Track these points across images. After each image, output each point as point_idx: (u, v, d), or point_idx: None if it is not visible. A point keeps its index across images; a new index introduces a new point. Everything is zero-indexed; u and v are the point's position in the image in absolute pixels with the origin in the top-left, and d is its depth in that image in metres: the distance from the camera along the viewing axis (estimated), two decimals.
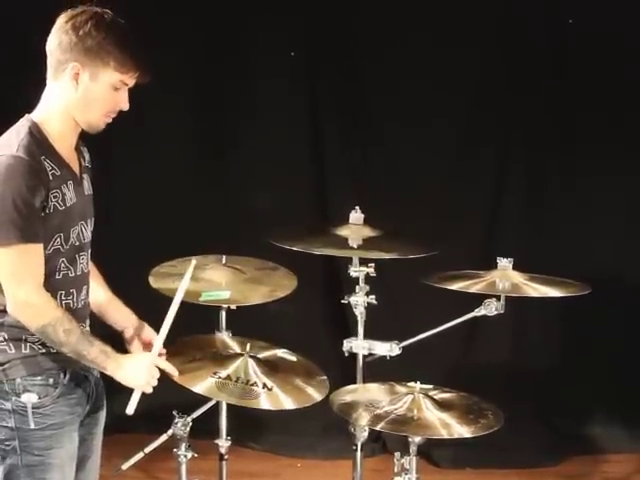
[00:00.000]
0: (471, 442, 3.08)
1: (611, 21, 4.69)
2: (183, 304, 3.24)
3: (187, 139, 5.08)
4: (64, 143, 2.51)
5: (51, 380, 2.49)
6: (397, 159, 5.00)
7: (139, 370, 2.50)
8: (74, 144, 2.57)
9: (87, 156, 2.67)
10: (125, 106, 2.52)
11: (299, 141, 5.06)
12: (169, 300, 3.20)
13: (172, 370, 2.59)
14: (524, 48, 4.86)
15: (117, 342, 2.70)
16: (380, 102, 4.95)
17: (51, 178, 2.41)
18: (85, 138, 2.63)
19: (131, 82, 2.50)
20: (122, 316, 2.75)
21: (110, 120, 2.53)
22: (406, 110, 4.88)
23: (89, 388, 2.62)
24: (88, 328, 2.62)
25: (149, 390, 2.52)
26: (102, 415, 2.73)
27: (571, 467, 4.60)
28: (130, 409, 2.53)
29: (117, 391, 2.61)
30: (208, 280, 3.38)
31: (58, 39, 2.45)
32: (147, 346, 2.72)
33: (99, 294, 2.74)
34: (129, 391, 2.55)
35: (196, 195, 5.01)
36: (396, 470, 3.08)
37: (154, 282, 3.34)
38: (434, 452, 4.50)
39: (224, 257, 3.49)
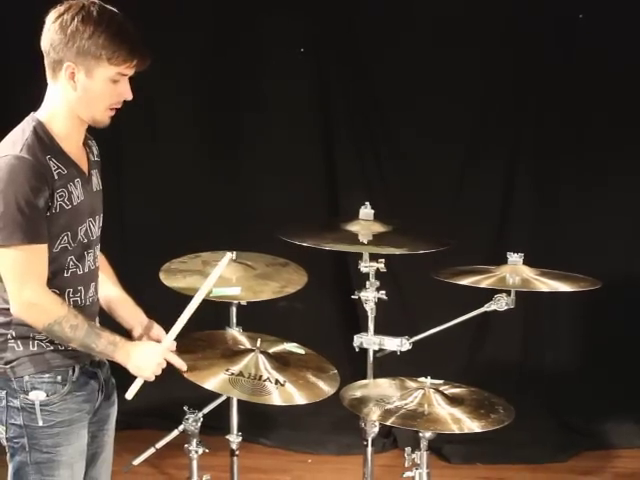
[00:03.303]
0: (482, 437, 3.08)
1: (622, 15, 4.69)
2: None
3: (198, 136, 5.09)
4: (70, 141, 2.50)
5: (59, 377, 2.50)
6: (408, 155, 5.01)
7: (147, 360, 2.50)
8: (81, 140, 2.56)
9: (96, 150, 2.65)
10: (128, 96, 2.48)
11: (309, 137, 5.07)
12: (179, 296, 3.23)
13: (181, 365, 2.58)
14: (533, 45, 4.86)
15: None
16: (391, 98, 4.95)
17: (56, 177, 2.40)
18: (96, 135, 2.62)
19: (129, 72, 2.45)
20: (131, 314, 2.73)
21: (114, 113, 2.49)
22: (417, 106, 4.88)
23: (99, 384, 2.62)
24: (99, 325, 2.61)
25: (152, 379, 2.52)
26: (113, 411, 2.73)
27: (582, 462, 4.58)
28: (130, 394, 2.54)
29: (127, 387, 2.61)
30: (219, 276, 3.38)
31: (50, 40, 2.42)
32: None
33: (109, 290, 2.73)
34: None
35: (207, 191, 5.02)
36: (407, 465, 3.08)
37: (164, 278, 3.34)
38: (445, 447, 4.49)
39: (234, 253, 3.49)
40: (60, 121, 2.47)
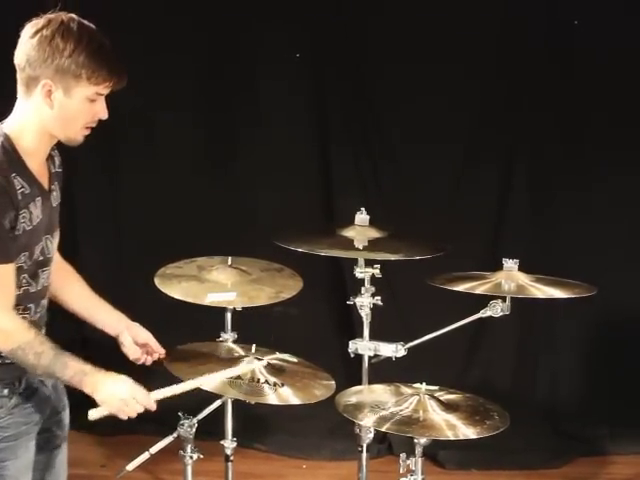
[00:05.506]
0: (477, 443, 3.08)
1: (617, 21, 4.70)
2: (189, 305, 3.26)
3: (194, 140, 5.09)
4: (36, 157, 2.43)
5: (6, 391, 2.43)
6: (403, 160, 5.01)
7: (115, 397, 2.39)
8: (46, 156, 2.49)
9: (57, 160, 2.59)
10: (104, 115, 2.42)
11: (305, 142, 5.07)
12: (174, 301, 3.22)
13: (150, 405, 2.45)
14: (529, 49, 4.87)
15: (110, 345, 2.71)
16: (386, 103, 4.95)
17: (20, 198, 2.34)
18: (89, 138, 2.54)
19: (107, 91, 2.39)
20: (113, 320, 2.70)
21: (89, 132, 2.44)
22: (412, 112, 4.88)
23: (47, 392, 2.57)
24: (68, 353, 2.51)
25: (121, 416, 2.42)
26: (65, 415, 2.68)
27: (577, 468, 4.59)
28: (92, 415, 2.44)
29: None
30: (214, 281, 3.39)
31: (26, 55, 2.34)
32: (142, 347, 2.70)
33: (86, 300, 2.70)
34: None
35: (202, 196, 5.01)
36: (402, 471, 3.07)
37: (160, 283, 3.34)
38: (440, 453, 4.49)
39: (230, 258, 3.49)
40: (29, 137, 2.40)
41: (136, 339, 2.69)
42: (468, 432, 2.87)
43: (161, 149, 5.02)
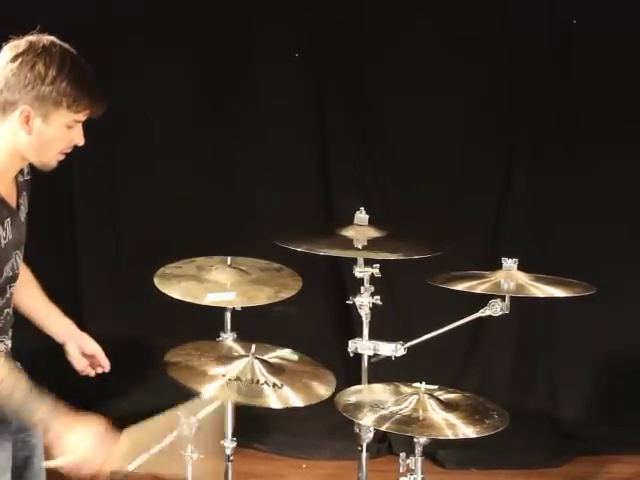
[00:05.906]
0: (477, 442, 3.08)
1: (616, 20, 4.70)
2: (188, 305, 3.26)
3: (192, 140, 5.08)
4: (5, 178, 2.38)
5: None
6: (403, 160, 5.01)
7: (78, 449, 2.30)
8: (15, 174, 2.42)
9: (26, 168, 2.50)
10: (80, 142, 2.37)
11: (304, 142, 5.06)
12: (173, 301, 3.22)
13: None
14: (529, 49, 4.87)
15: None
16: (386, 103, 4.95)
17: None
18: (89, 139, 2.50)
19: (84, 119, 2.34)
20: (62, 327, 2.65)
21: (64, 157, 2.39)
22: (412, 111, 4.88)
23: None
24: (10, 342, 2.50)
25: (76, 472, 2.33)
26: None
27: (577, 468, 4.59)
28: (48, 463, 2.39)
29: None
30: (213, 281, 3.39)
31: (5, 79, 2.26)
32: (89, 358, 2.67)
33: (37, 304, 2.66)
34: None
35: (202, 196, 5.01)
36: (401, 470, 3.07)
37: (159, 283, 3.34)
38: (439, 452, 4.50)
39: (229, 258, 3.49)
40: (0, 159, 2.34)
41: (83, 350, 2.66)
42: (468, 431, 2.87)
43: (160, 149, 5.02)
